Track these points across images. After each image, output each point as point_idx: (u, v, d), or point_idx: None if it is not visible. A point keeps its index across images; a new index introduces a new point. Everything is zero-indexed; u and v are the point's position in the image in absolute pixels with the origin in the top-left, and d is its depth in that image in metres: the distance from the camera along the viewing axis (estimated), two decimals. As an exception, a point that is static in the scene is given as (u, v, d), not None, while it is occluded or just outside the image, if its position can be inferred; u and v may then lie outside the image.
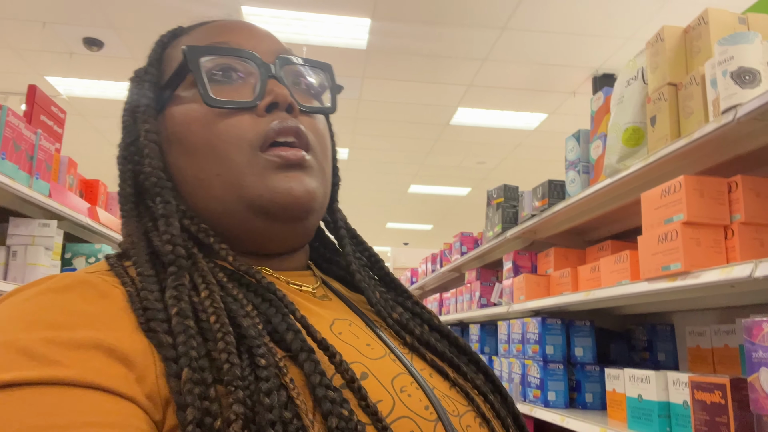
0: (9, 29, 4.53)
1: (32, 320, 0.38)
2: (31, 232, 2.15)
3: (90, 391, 0.36)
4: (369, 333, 0.55)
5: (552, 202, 2.23)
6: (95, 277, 0.45)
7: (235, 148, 0.51)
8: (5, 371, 0.35)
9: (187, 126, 0.53)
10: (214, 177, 0.52)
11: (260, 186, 0.51)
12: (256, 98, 0.52)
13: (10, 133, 1.92)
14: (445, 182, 8.49)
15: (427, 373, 0.54)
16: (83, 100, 5.76)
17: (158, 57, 0.58)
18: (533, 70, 5.03)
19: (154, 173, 0.51)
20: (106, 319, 0.40)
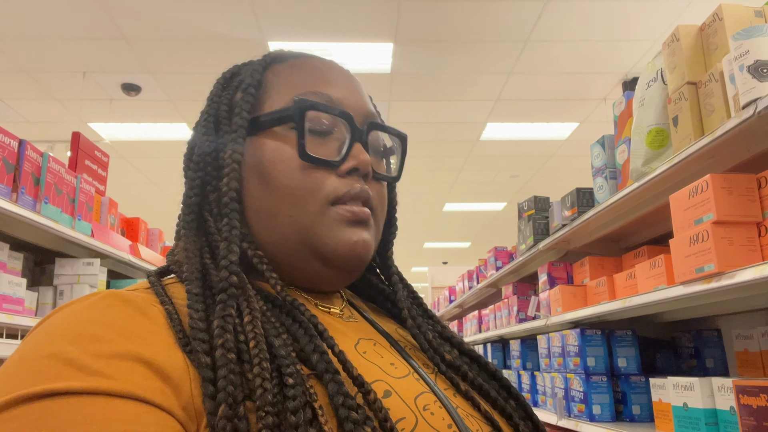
0: (53, 81, 4.80)
1: (78, 333, 0.41)
2: (76, 272, 2.25)
3: (131, 401, 0.38)
4: (393, 353, 0.56)
5: (581, 211, 2.20)
6: (135, 295, 0.47)
7: (312, 199, 0.55)
8: (53, 381, 0.37)
9: (275, 164, 0.56)
10: (287, 217, 0.55)
11: (327, 235, 0.55)
12: (342, 159, 0.56)
13: (52, 179, 2.03)
14: (479, 198, 8.44)
15: (450, 393, 0.55)
16: (124, 143, 6.02)
17: (258, 80, 0.60)
18: (561, 79, 4.99)
19: (229, 194, 0.53)
20: (145, 334, 0.43)
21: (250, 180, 0.57)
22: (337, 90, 0.59)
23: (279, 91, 0.59)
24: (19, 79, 4.75)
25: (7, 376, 0.39)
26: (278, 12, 3.93)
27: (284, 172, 0.55)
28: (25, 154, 1.89)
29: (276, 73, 0.61)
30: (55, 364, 0.39)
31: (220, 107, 0.60)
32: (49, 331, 0.42)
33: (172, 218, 0.68)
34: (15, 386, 0.37)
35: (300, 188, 0.55)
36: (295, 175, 0.55)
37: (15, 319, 1.79)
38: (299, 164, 0.55)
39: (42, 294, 2.18)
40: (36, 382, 0.37)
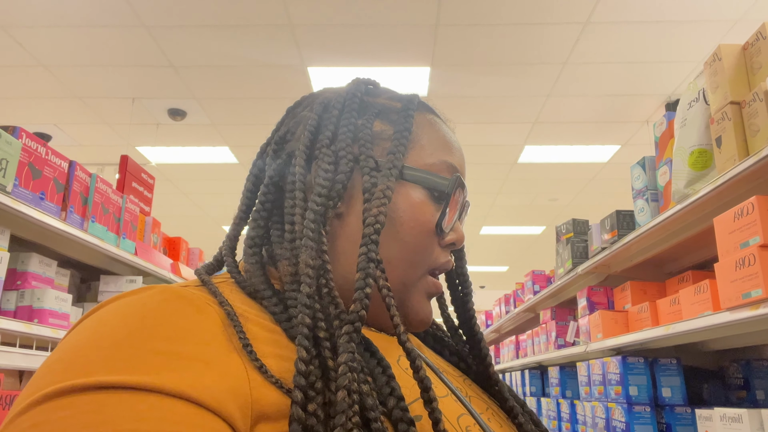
0: (103, 107, 5.03)
1: (135, 327, 0.41)
2: (120, 288, 2.31)
3: (181, 401, 0.37)
4: (430, 372, 0.57)
5: (621, 234, 2.15)
6: (190, 292, 0.46)
7: (422, 264, 0.59)
8: (107, 373, 0.37)
9: (411, 219, 0.57)
10: (401, 270, 0.57)
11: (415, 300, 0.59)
12: (450, 232, 0.60)
13: (99, 198, 2.11)
14: (517, 222, 8.33)
15: (485, 417, 0.55)
16: (170, 165, 6.22)
17: (411, 126, 0.60)
18: (601, 101, 4.92)
19: (375, 226, 0.53)
20: (202, 333, 0.42)
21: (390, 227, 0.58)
22: (457, 159, 0.62)
23: (425, 147, 0.60)
24: (73, 105, 5.00)
25: (60, 363, 0.39)
26: (317, 39, 4.03)
27: (415, 231, 0.57)
28: (74, 175, 1.98)
29: (420, 125, 0.62)
30: (107, 355, 0.38)
31: (359, 132, 0.58)
32: (103, 324, 0.42)
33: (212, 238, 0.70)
34: (67, 375, 0.37)
35: (420, 251, 0.58)
36: (421, 237, 0.58)
37: (60, 334, 1.85)
38: (429, 229, 0.58)
39: (86, 309, 2.25)
40: (89, 373, 0.37)
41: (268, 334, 0.47)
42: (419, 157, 0.59)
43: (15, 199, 1.65)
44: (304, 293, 0.48)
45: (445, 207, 0.58)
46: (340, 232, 0.56)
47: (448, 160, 0.60)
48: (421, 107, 0.64)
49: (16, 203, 1.64)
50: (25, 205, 1.69)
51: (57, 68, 4.41)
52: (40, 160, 1.80)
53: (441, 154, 0.60)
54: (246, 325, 0.46)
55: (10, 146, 1.62)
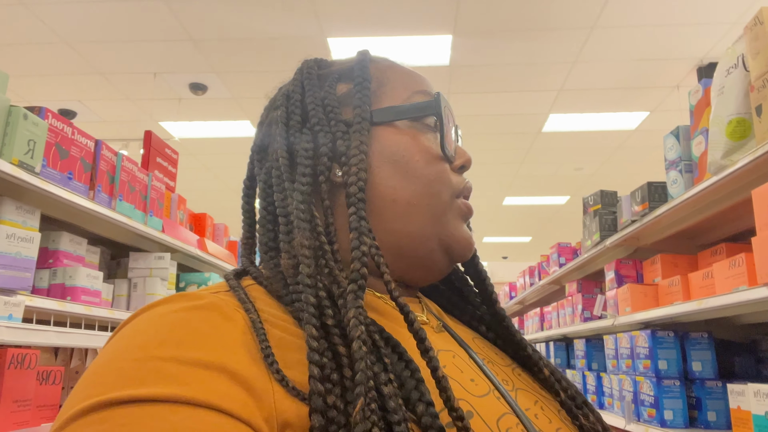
0: (126, 82, 5.05)
1: (164, 339, 0.41)
2: (149, 265, 2.35)
3: (213, 412, 0.38)
4: (472, 366, 0.54)
5: (653, 206, 2.09)
6: (219, 299, 0.47)
7: (445, 190, 0.59)
8: (139, 386, 0.38)
9: (412, 155, 0.58)
10: (425, 206, 0.57)
11: (453, 227, 0.59)
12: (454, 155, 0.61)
13: (126, 177, 2.13)
14: (541, 192, 8.22)
15: (532, 414, 0.52)
16: (192, 140, 6.25)
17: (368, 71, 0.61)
18: (630, 66, 4.77)
19: (358, 184, 0.53)
20: (230, 343, 0.42)
21: (380, 170, 0.57)
22: (430, 87, 0.63)
23: (394, 86, 0.61)
24: (96, 81, 5.02)
25: (96, 375, 0.40)
26: (337, 9, 3.96)
27: (422, 163, 0.58)
28: (101, 154, 1.99)
29: (382, 69, 0.62)
30: (140, 369, 0.39)
31: (325, 100, 0.59)
32: (136, 334, 0.43)
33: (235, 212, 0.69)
34: (102, 389, 0.38)
35: (436, 179, 0.58)
36: (431, 166, 0.58)
37: (93, 311, 1.89)
38: (435, 156, 0.58)
39: (117, 286, 2.29)
40: (123, 387, 0.38)
41: (295, 340, 0.46)
42: (392, 97, 0.60)
43: (44, 179, 1.67)
44: (304, 273, 0.47)
45: (441, 128, 0.59)
46: (339, 209, 0.55)
47: (421, 89, 0.61)
48: (377, 58, 0.65)
49: (45, 183, 1.66)
50: (54, 185, 1.71)
51: (79, 44, 4.42)
52: (67, 140, 1.81)
53: (412, 86, 0.61)
54: (272, 331, 0.45)
55: (36, 127, 1.64)
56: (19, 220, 1.62)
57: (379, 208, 0.56)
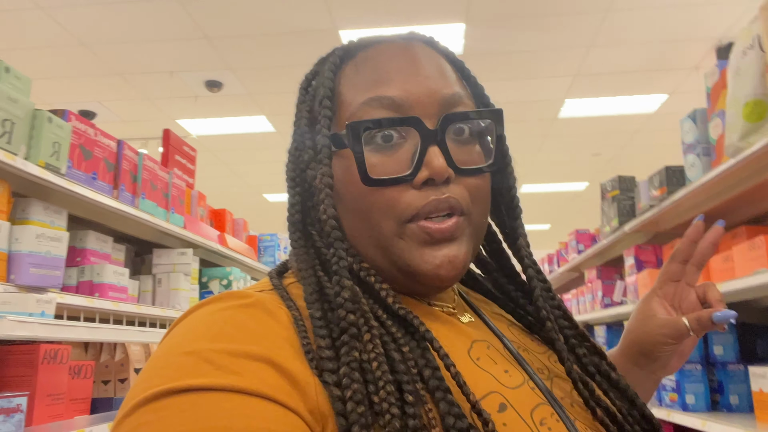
0: (144, 82, 5.12)
1: (215, 333, 0.44)
2: (172, 261, 2.40)
3: (264, 400, 0.41)
4: (507, 357, 0.54)
5: (671, 190, 2.08)
6: (264, 297, 0.49)
7: (386, 219, 0.52)
8: (195, 377, 0.41)
9: (346, 187, 0.54)
10: (367, 237, 0.54)
11: (407, 256, 0.52)
12: (414, 170, 0.52)
13: (147, 176, 2.18)
14: (559, 179, 8.15)
15: (568, 402, 0.52)
16: (209, 137, 6.32)
17: (331, 88, 0.56)
18: (647, 49, 4.70)
19: (329, 223, 0.51)
20: (274, 337, 0.45)
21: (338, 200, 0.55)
22: (401, 87, 0.53)
23: (345, 101, 0.55)
24: (114, 82, 5.10)
25: (154, 368, 0.43)
26: (348, 0, 3.96)
27: (355, 195, 0.53)
28: (123, 154, 2.04)
29: (345, 77, 0.57)
30: (196, 361, 0.42)
31: (301, 119, 0.58)
32: (189, 330, 0.46)
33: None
34: (161, 380, 0.41)
35: (373, 210, 0.52)
36: (366, 197, 0.52)
37: (120, 306, 1.95)
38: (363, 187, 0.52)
39: (143, 282, 2.35)
40: (180, 378, 0.41)
41: None
42: (343, 115, 0.55)
43: (70, 180, 1.72)
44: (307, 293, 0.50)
45: (359, 158, 0.51)
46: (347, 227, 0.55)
47: (373, 96, 0.53)
48: (351, 52, 0.59)
49: (70, 184, 1.71)
50: (80, 185, 1.76)
51: (96, 45, 4.49)
52: (90, 141, 1.86)
53: (364, 95, 0.54)
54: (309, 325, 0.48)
55: (61, 130, 1.68)
56: (48, 221, 1.68)
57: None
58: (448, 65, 0.59)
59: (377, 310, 0.50)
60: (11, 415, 1.42)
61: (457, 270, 0.52)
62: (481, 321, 0.59)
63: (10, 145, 1.50)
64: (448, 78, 0.57)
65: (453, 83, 0.57)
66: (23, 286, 1.52)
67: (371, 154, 0.52)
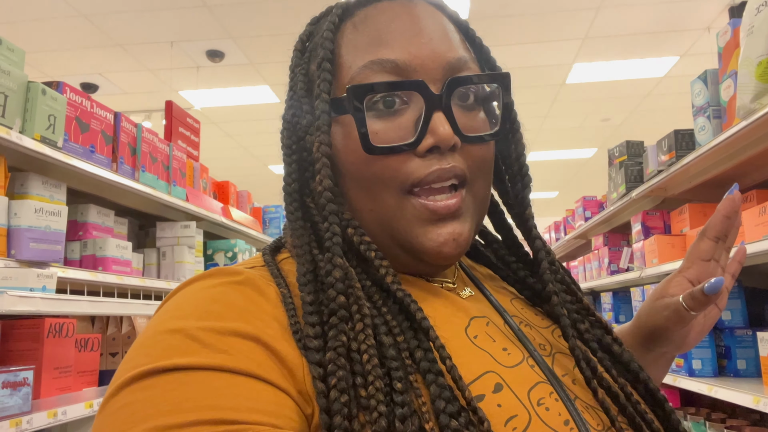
0: (144, 52, 5.05)
1: (203, 311, 0.43)
2: (175, 234, 2.40)
3: (252, 379, 0.40)
4: (507, 333, 0.52)
5: (680, 155, 2.03)
6: (254, 273, 0.48)
7: (388, 190, 0.50)
8: (182, 356, 0.40)
9: (347, 156, 0.51)
10: (368, 211, 0.51)
11: (410, 234, 0.50)
12: (418, 137, 0.49)
13: (147, 148, 2.16)
14: (567, 145, 8.05)
15: (569, 379, 0.50)
16: (212, 109, 6.27)
17: (331, 49, 0.53)
18: (657, 9, 4.56)
19: (324, 195, 0.49)
20: (263, 316, 0.44)
21: (339, 169, 0.52)
22: (403, 49, 0.51)
23: (345, 64, 0.52)
24: (115, 53, 5.04)
25: (141, 347, 0.42)
26: (350, -36, 3.86)
27: (356, 164, 0.50)
28: (120, 126, 2.01)
29: (344, 38, 0.54)
30: (182, 339, 0.41)
31: (298, 82, 0.55)
32: (178, 307, 0.45)
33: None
34: (147, 359, 0.40)
35: (374, 180, 0.50)
36: (367, 166, 0.50)
37: (124, 280, 1.95)
38: (368, 155, 0.50)
39: (147, 255, 2.35)
40: (166, 356, 0.40)
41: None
42: (343, 80, 0.52)
43: (67, 153, 1.70)
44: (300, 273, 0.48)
45: (360, 124, 0.49)
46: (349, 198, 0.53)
47: (376, 59, 0.50)
48: (350, 11, 0.55)
49: (68, 158, 1.69)
50: (77, 158, 1.74)
51: (96, 17, 4.42)
52: (86, 113, 1.83)
53: (364, 57, 0.51)
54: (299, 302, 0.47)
55: (56, 102, 1.66)
56: (46, 195, 1.66)
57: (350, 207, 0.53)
58: (452, 27, 0.56)
59: (374, 293, 0.48)
60: (18, 389, 1.43)
61: (461, 247, 0.51)
62: (482, 295, 0.57)
63: (4, 118, 1.48)
64: (452, 40, 0.54)
65: (458, 46, 0.54)
66: (24, 261, 1.52)
67: (373, 120, 0.50)
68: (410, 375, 0.43)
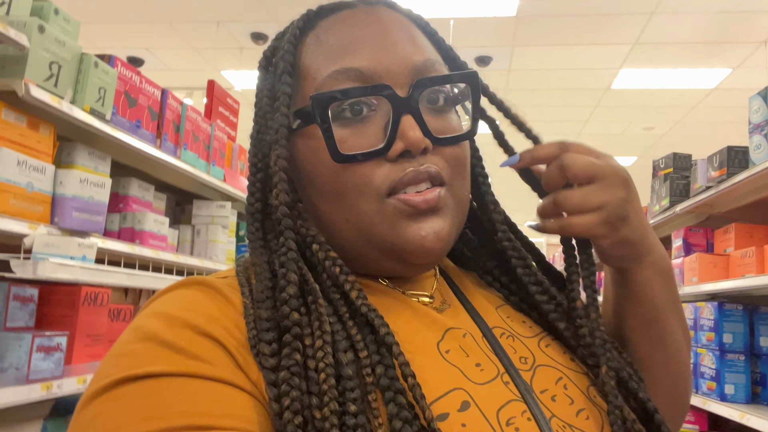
0: (191, 31, 5.11)
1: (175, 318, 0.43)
2: (211, 213, 2.43)
3: (225, 385, 0.40)
4: (483, 347, 0.50)
5: (732, 172, 1.96)
6: (224, 283, 0.48)
7: (363, 197, 0.49)
8: (154, 364, 0.40)
9: (316, 168, 0.50)
10: (344, 222, 0.50)
11: (391, 234, 0.49)
12: (387, 143, 0.48)
13: (190, 126, 2.18)
14: (606, 152, 7.88)
15: (549, 395, 0.48)
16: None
17: (291, 62, 0.52)
18: (713, 19, 4.41)
19: (280, 209, 0.48)
20: (231, 326, 0.44)
21: (303, 186, 0.52)
22: (366, 55, 0.50)
23: (309, 75, 0.51)
24: (162, 29, 5.11)
25: (112, 357, 0.42)
26: (401, -46, 3.82)
27: (327, 176, 0.49)
28: (167, 103, 2.03)
29: (307, 48, 0.53)
30: (154, 347, 0.41)
31: (263, 97, 0.54)
32: (149, 316, 0.45)
33: None
34: (119, 369, 0.40)
35: (346, 189, 0.49)
36: (337, 176, 0.49)
37: (159, 254, 1.98)
38: (333, 165, 0.48)
39: (182, 232, 2.39)
40: (139, 365, 0.40)
41: None
42: (308, 91, 0.50)
43: (114, 126, 1.72)
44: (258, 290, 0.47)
45: (327, 134, 0.48)
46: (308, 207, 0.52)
47: (338, 68, 0.49)
48: (312, 22, 0.55)
49: (115, 131, 1.72)
50: (124, 132, 1.77)
51: (146, -8, 4.48)
52: (135, 88, 1.86)
53: (328, 68, 0.50)
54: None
55: (107, 75, 1.68)
56: (92, 166, 1.69)
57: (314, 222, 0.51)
58: (417, 29, 0.55)
59: (341, 307, 0.47)
60: (51, 353, 1.47)
61: (442, 243, 0.49)
62: (462, 307, 0.55)
63: (56, 88, 1.51)
64: (418, 44, 0.53)
65: (423, 49, 0.53)
66: (66, 230, 1.55)
67: (340, 129, 0.49)
68: (370, 394, 0.42)
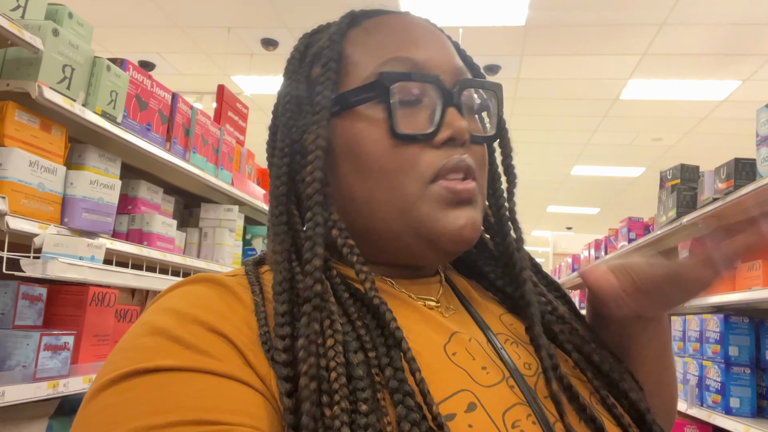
0: (201, 36, 5.16)
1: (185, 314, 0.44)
2: (218, 216, 2.44)
3: (233, 381, 0.40)
4: (488, 351, 0.51)
5: (739, 184, 1.96)
6: (234, 281, 0.49)
7: (409, 179, 0.51)
8: (164, 358, 0.41)
9: (363, 146, 0.52)
10: (384, 202, 0.51)
11: (431, 219, 0.51)
12: (435, 129, 0.51)
13: (199, 130, 2.20)
14: (613, 162, 7.87)
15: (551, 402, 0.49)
16: (262, 96, 6.36)
17: (338, 51, 0.55)
18: (723, 31, 4.40)
19: (313, 185, 0.49)
20: (239, 322, 0.45)
21: (340, 166, 0.53)
22: (421, 51, 0.54)
23: (359, 62, 0.54)
24: (174, 34, 5.16)
25: (121, 351, 0.43)
26: (412, -37, 3.85)
27: (375, 154, 0.51)
28: (177, 107, 2.06)
29: (353, 42, 0.56)
30: (164, 341, 0.42)
31: (298, 86, 0.56)
32: (159, 311, 0.46)
33: None
34: (127, 362, 0.41)
35: (394, 169, 0.51)
36: (386, 155, 0.51)
37: (167, 257, 2.00)
38: (390, 143, 0.51)
39: (189, 234, 2.40)
40: (148, 358, 0.41)
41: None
42: (355, 78, 0.53)
43: (125, 129, 1.74)
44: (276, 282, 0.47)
45: (389, 110, 0.50)
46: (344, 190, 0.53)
47: (394, 55, 0.53)
48: (357, 20, 0.58)
49: (125, 133, 1.74)
50: (134, 135, 1.79)
51: (158, -3, 4.53)
52: (146, 92, 1.88)
53: (381, 56, 0.53)
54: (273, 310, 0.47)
55: (119, 79, 1.70)
56: (102, 167, 1.71)
57: (341, 205, 0.53)
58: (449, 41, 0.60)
59: (350, 306, 0.48)
60: (58, 352, 1.48)
61: (476, 232, 0.52)
62: (467, 312, 0.56)
63: (69, 90, 1.53)
64: (454, 51, 0.58)
65: (458, 56, 0.58)
66: (76, 230, 1.57)
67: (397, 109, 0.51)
68: (378, 393, 0.42)
